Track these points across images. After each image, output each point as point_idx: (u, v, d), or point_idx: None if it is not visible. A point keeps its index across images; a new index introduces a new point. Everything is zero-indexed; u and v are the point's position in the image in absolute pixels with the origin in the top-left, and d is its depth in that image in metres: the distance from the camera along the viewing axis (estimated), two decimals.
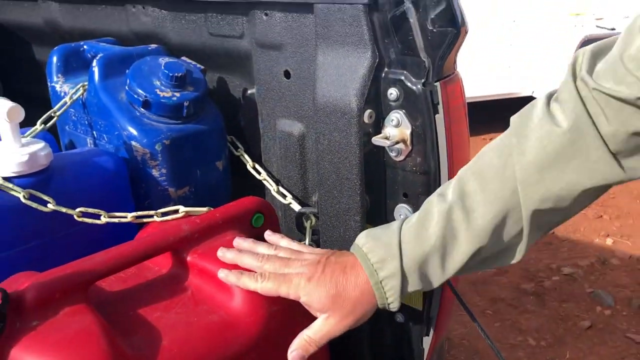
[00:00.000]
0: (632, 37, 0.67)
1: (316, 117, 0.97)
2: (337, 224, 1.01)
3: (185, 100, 1.07)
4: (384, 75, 0.91)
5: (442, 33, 0.84)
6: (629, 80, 0.66)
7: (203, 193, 1.13)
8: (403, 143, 0.92)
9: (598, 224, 3.76)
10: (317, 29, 0.94)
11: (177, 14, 1.21)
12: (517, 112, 0.78)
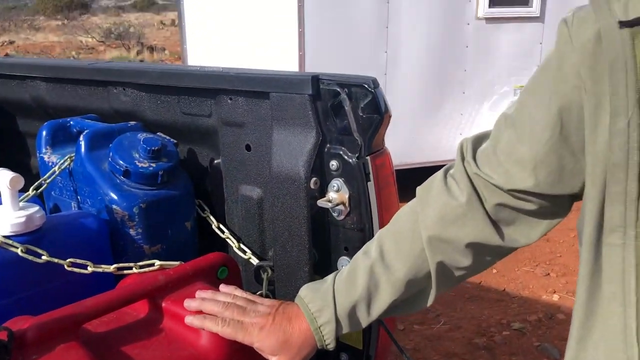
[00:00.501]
0: (500, 132, 0.87)
1: (272, 184, 1.16)
2: (290, 275, 1.18)
3: (160, 170, 1.25)
4: (326, 150, 1.12)
5: (370, 118, 1.06)
6: (500, 171, 0.85)
7: (174, 249, 1.30)
8: (343, 205, 1.12)
9: (546, 281, 3.99)
10: (273, 112, 1.15)
11: (153, 95, 1.41)
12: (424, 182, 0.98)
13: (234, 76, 1.21)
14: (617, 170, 0.74)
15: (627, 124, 0.72)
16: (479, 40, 4.77)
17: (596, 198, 0.77)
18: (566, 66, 0.78)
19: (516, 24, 4.84)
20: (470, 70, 4.82)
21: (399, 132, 4.73)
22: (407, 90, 4.66)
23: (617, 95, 0.73)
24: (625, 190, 0.74)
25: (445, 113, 4.85)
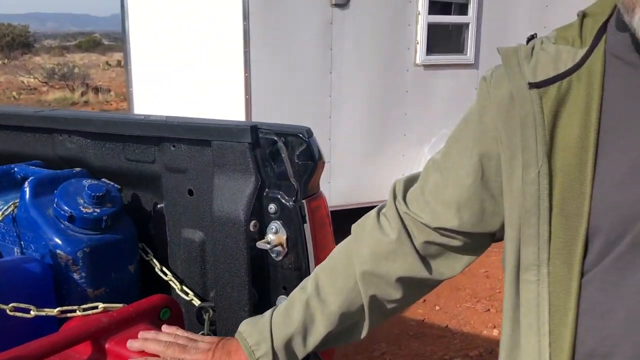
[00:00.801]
0: (428, 175, 0.97)
1: (213, 227, 1.22)
2: (231, 315, 1.24)
3: (104, 215, 1.29)
4: (265, 194, 1.19)
5: (305, 165, 1.15)
6: (427, 210, 0.94)
7: (118, 292, 1.33)
8: (281, 246, 1.19)
9: (486, 316, 4.12)
10: (214, 158, 1.22)
11: (98, 142, 1.46)
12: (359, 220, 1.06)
13: (177, 125, 1.28)
14: (530, 215, 0.82)
15: (538, 174, 0.81)
16: (418, 86, 5.00)
17: (514, 239, 0.85)
18: (486, 119, 0.88)
19: (452, 71, 5.11)
20: (411, 113, 5.02)
21: (343, 173, 4.86)
22: (351, 133, 4.81)
23: (528, 149, 0.82)
24: (538, 232, 0.81)
25: (388, 155, 5.02)
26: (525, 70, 0.83)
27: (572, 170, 0.80)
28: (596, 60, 0.81)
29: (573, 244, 0.79)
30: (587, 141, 0.79)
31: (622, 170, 0.78)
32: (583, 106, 0.80)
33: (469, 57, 5.09)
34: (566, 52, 0.83)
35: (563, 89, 0.81)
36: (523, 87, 0.82)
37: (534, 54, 0.85)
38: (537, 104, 0.81)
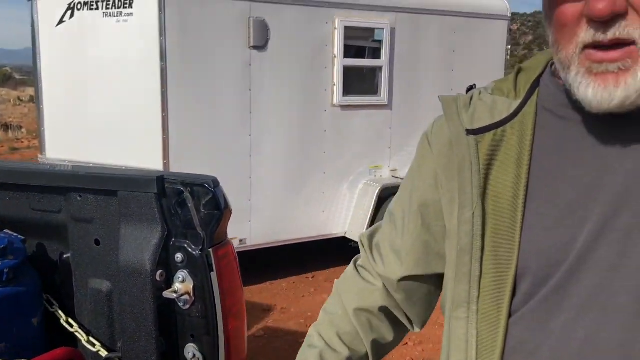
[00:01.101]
0: (384, 227, 1.02)
1: (120, 277, 1.23)
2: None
3: (5, 268, 1.26)
4: (172, 243, 1.21)
5: (211, 214, 1.18)
6: (387, 262, 0.99)
7: (20, 345, 1.29)
8: (188, 295, 1.21)
9: (404, 350, 4.22)
10: (121, 209, 1.23)
11: (2, 192, 1.43)
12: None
13: (83, 175, 1.28)
14: (464, 254, 0.86)
15: (472, 215, 0.85)
16: (335, 125, 5.14)
17: (451, 278, 0.88)
18: (424, 169, 0.94)
19: (368, 111, 5.30)
20: (329, 152, 5.15)
21: (264, 211, 4.89)
22: (272, 171, 4.87)
23: (464, 191, 0.86)
24: (470, 271, 0.85)
25: (308, 192, 5.10)
26: (463, 118, 0.89)
27: (504, 214, 0.84)
28: (529, 112, 0.86)
29: (503, 283, 0.83)
30: (519, 187, 0.84)
31: (549, 216, 0.82)
32: (516, 154, 0.85)
33: (383, 99, 5.31)
34: (501, 102, 0.89)
35: (498, 136, 0.86)
36: (461, 133, 0.88)
37: (472, 103, 0.91)
38: (473, 150, 0.86)
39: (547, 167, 0.84)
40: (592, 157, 0.81)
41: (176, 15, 4.25)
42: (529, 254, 0.82)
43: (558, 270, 0.80)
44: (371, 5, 5.14)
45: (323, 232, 5.25)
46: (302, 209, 5.09)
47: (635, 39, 0.72)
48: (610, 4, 0.70)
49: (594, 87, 0.75)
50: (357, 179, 5.35)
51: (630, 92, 0.73)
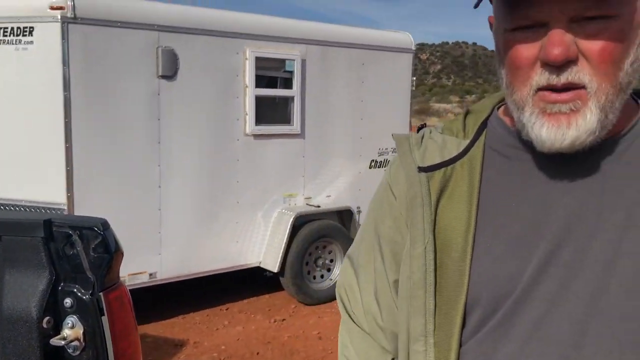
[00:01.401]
0: (347, 273, 1.06)
1: (3, 326, 1.17)
2: None
3: None
4: (60, 288, 1.18)
5: (101, 258, 1.16)
6: (361, 313, 1.02)
7: None
8: (78, 341, 1.17)
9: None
10: (5, 253, 1.18)
11: None
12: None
13: None
14: (417, 288, 0.89)
15: (424, 249, 0.88)
16: (248, 154, 5.14)
17: (405, 310, 0.92)
18: (383, 207, 0.98)
19: (281, 140, 5.35)
20: (243, 181, 5.14)
21: (175, 243, 4.78)
22: (182, 202, 4.79)
23: (415, 226, 0.90)
24: (425, 304, 0.89)
25: (221, 222, 5.04)
26: (415, 156, 0.94)
27: (455, 248, 0.88)
28: (477, 152, 0.92)
29: (453, 315, 0.87)
30: (469, 222, 0.88)
31: (497, 249, 0.86)
32: (466, 191, 0.90)
33: (296, 128, 5.38)
34: (451, 142, 0.94)
35: (448, 174, 0.91)
36: (413, 171, 0.92)
37: (423, 142, 0.96)
38: (425, 186, 0.90)
39: (495, 204, 0.88)
40: (536, 194, 0.87)
41: (80, 44, 4.14)
42: (478, 287, 0.86)
43: (505, 302, 0.84)
44: (282, 37, 5.23)
45: (237, 263, 5.20)
46: (215, 239, 5.02)
47: (585, 83, 0.78)
48: (565, 51, 0.76)
49: (547, 126, 0.80)
50: (272, 208, 5.36)
51: (580, 133, 0.79)
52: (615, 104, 0.80)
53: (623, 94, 0.81)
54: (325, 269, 5.64)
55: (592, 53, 0.77)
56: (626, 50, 0.79)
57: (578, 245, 0.83)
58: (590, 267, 0.82)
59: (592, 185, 0.85)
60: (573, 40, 0.77)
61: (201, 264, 4.98)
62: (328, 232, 5.53)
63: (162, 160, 4.64)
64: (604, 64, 0.78)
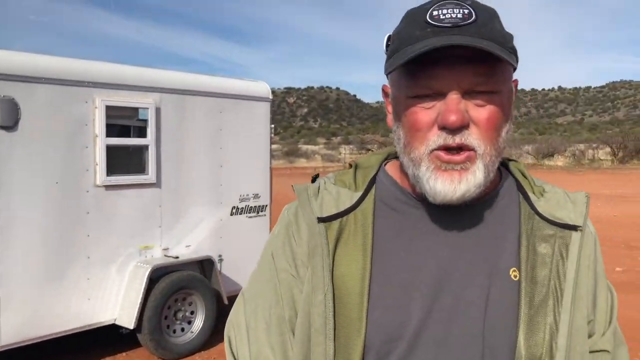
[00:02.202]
0: (239, 311, 1.05)
1: None
2: None
3: None
4: None
5: None
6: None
7: None
8: None
9: None
10: None
11: None
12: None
13: None
14: (318, 334, 0.93)
15: (324, 297, 0.93)
16: (100, 206, 4.90)
17: (301, 354, 0.96)
18: (284, 249, 1.01)
19: (135, 190, 5.16)
20: (94, 235, 4.87)
21: (17, 305, 4.41)
22: (25, 260, 4.43)
23: (316, 275, 0.95)
24: (325, 350, 0.93)
25: (71, 280, 4.73)
26: (314, 207, 0.99)
27: (353, 296, 0.93)
28: (368, 204, 0.99)
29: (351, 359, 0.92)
30: (364, 271, 0.94)
31: (390, 296, 0.94)
32: (360, 241, 0.96)
33: (151, 177, 5.25)
34: (344, 193, 1.01)
35: (343, 224, 0.97)
36: (313, 221, 0.97)
37: (319, 192, 1.02)
38: (323, 236, 0.96)
39: (386, 253, 0.96)
40: (421, 245, 0.96)
41: None
42: (373, 332, 0.93)
43: (397, 346, 0.92)
44: (134, 85, 5.12)
45: (90, 322, 4.89)
46: (64, 298, 4.70)
47: (475, 146, 0.90)
48: (460, 117, 0.87)
49: (442, 181, 0.90)
50: (127, 261, 5.14)
51: (470, 187, 0.90)
52: (495, 165, 0.93)
53: (500, 157, 0.95)
54: (186, 321, 5.47)
55: (480, 121, 0.90)
56: (504, 121, 0.93)
57: (457, 292, 0.94)
58: (467, 312, 0.93)
59: (468, 237, 0.97)
60: (465, 109, 0.89)
61: (49, 326, 4.62)
62: (188, 283, 5.38)
63: (0, 215, 4.30)
64: (489, 131, 0.90)
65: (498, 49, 0.87)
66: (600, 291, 1.02)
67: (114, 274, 5.05)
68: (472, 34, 0.87)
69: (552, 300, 0.94)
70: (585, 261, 0.98)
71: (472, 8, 0.90)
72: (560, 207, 1.00)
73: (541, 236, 0.97)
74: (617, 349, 1.04)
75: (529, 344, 0.91)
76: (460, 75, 0.88)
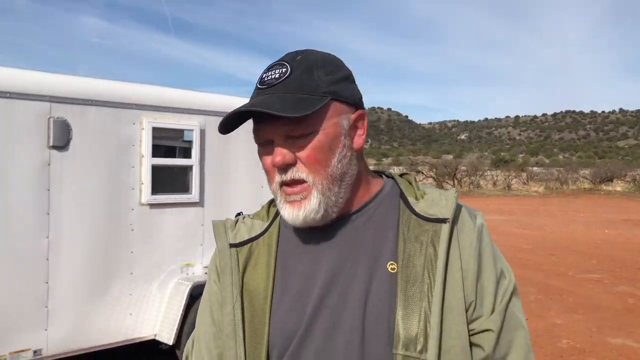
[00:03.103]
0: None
1: None
2: None
3: None
4: None
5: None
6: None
7: None
8: None
9: None
10: None
11: None
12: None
13: None
14: (229, 340, 1.11)
15: (233, 308, 1.12)
16: (144, 224, 5.08)
17: (214, 357, 1.14)
18: (211, 273, 1.23)
19: (179, 209, 5.33)
20: (138, 251, 5.05)
21: (64, 318, 4.60)
22: (72, 274, 4.63)
23: (225, 289, 1.14)
24: (236, 353, 1.10)
25: (114, 294, 4.91)
26: (229, 235, 1.20)
27: (258, 306, 1.12)
28: (274, 229, 1.20)
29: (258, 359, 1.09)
30: (268, 284, 1.13)
31: (287, 303, 1.11)
32: (265, 260, 1.16)
33: (194, 196, 5.40)
34: (258, 224, 1.22)
35: (253, 248, 1.18)
36: (226, 246, 1.18)
37: (237, 225, 1.23)
38: (234, 258, 1.16)
39: (285, 267, 1.15)
40: (310, 255, 1.14)
41: None
42: (275, 334, 1.10)
43: (292, 341, 1.08)
44: (180, 107, 5.32)
45: (131, 336, 5.04)
46: (107, 312, 4.87)
47: (304, 178, 1.08)
48: (282, 158, 1.07)
49: (287, 209, 1.10)
50: (168, 278, 5.29)
51: (307, 212, 1.08)
52: (334, 189, 1.09)
53: (340, 181, 1.10)
54: None
55: (302, 157, 1.08)
56: (328, 153, 1.08)
57: (343, 288, 1.10)
58: (350, 306, 1.08)
59: (349, 243, 1.13)
60: (290, 150, 1.08)
61: (92, 339, 4.79)
62: None
63: (50, 231, 4.52)
64: (312, 165, 1.08)
65: (292, 106, 1.03)
66: (487, 276, 1.11)
67: (155, 290, 5.20)
68: (280, 90, 1.07)
69: (425, 285, 1.06)
70: (465, 249, 1.10)
71: (290, 66, 1.09)
72: (435, 205, 1.14)
73: (417, 232, 1.11)
74: (515, 332, 1.11)
75: (406, 326, 1.04)
76: (275, 127, 1.07)
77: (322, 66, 1.10)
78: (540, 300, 8.42)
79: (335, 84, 1.10)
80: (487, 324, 1.08)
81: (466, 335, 1.06)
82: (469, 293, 1.08)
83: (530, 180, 36.74)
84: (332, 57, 1.15)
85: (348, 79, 1.14)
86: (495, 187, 33.72)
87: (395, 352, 1.03)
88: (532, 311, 7.72)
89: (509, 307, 1.11)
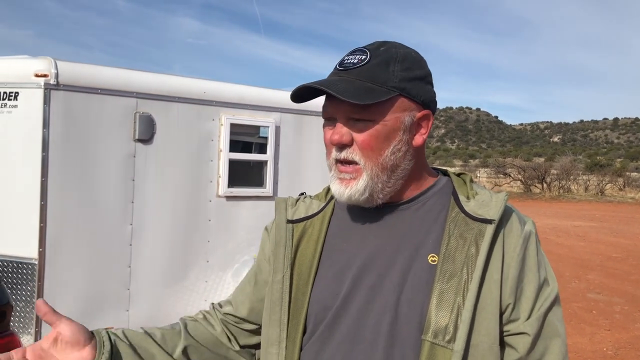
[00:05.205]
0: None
1: None
2: None
3: None
4: None
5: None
6: (230, 305, 1.40)
7: None
8: None
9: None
10: None
11: None
12: None
13: None
14: (274, 305, 1.21)
15: (282, 277, 1.22)
16: (220, 215, 5.34)
17: (266, 322, 1.23)
18: (264, 249, 1.36)
19: (253, 202, 5.56)
20: (214, 241, 5.31)
21: (144, 300, 4.92)
22: (152, 259, 4.95)
23: (278, 260, 1.24)
24: (280, 318, 1.20)
25: (191, 281, 5.19)
26: (288, 212, 1.30)
27: (303, 277, 1.21)
28: (328, 209, 1.29)
29: (297, 325, 1.18)
30: (314, 259, 1.22)
31: (328, 275, 1.20)
32: (316, 237, 1.25)
33: (268, 190, 5.60)
34: (315, 204, 1.32)
35: (307, 225, 1.27)
36: (283, 221, 1.28)
37: (297, 204, 1.33)
38: (289, 233, 1.26)
39: (332, 244, 1.24)
40: (356, 235, 1.22)
41: (61, 108, 4.43)
42: (313, 303, 1.19)
43: (329, 313, 1.16)
44: (257, 105, 5.52)
45: None
46: (184, 297, 5.16)
47: (357, 160, 1.15)
48: (340, 137, 1.15)
49: (336, 184, 1.19)
50: (242, 268, 5.51)
51: (353, 192, 1.16)
52: (382, 177, 1.16)
53: (390, 172, 1.17)
54: None
55: (358, 141, 1.15)
56: (383, 143, 1.15)
57: (380, 271, 1.16)
58: (386, 288, 1.14)
59: (394, 231, 1.20)
60: (349, 131, 1.15)
61: (170, 321, 5.07)
62: None
63: (134, 219, 4.84)
64: (366, 150, 1.15)
65: (356, 93, 1.10)
66: (528, 281, 1.15)
67: (229, 279, 5.44)
68: (353, 75, 1.14)
69: (462, 280, 1.10)
70: (509, 252, 1.14)
71: (370, 54, 1.15)
72: (484, 205, 1.18)
73: (463, 229, 1.16)
74: (551, 339, 1.14)
75: (438, 315, 1.09)
76: (340, 107, 1.14)
77: (400, 61, 1.16)
78: (626, 312, 7.99)
79: (407, 81, 1.15)
80: (523, 327, 1.12)
81: (496, 335, 1.10)
82: (508, 296, 1.12)
83: (627, 186, 34.65)
84: (414, 55, 1.20)
85: (424, 79, 1.19)
86: (587, 192, 32.08)
87: (425, 338, 1.08)
88: (616, 322, 7.36)
89: (549, 315, 1.14)
